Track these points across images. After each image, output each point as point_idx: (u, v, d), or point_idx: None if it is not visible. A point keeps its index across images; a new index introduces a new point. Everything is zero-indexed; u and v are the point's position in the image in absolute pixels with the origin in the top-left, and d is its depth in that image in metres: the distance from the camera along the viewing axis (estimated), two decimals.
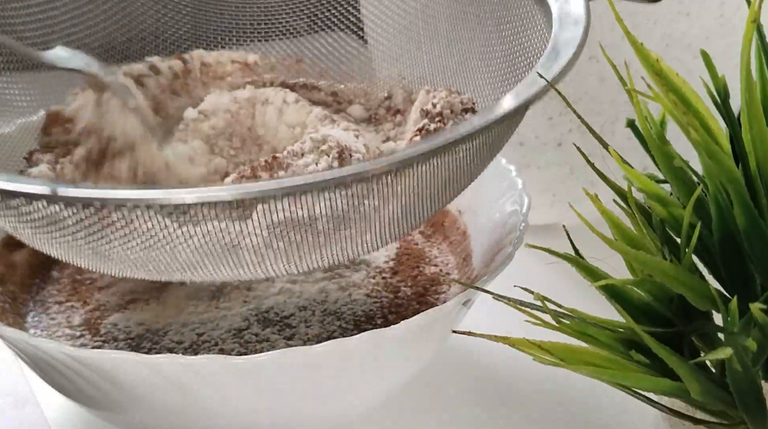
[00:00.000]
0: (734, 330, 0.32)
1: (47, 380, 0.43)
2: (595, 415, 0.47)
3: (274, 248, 0.37)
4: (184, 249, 0.37)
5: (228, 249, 0.37)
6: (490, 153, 0.42)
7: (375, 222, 0.38)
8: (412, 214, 0.40)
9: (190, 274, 0.39)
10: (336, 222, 0.37)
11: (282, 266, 0.38)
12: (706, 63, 0.35)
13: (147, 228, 0.36)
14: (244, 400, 0.40)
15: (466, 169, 0.40)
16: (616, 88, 0.53)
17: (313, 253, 0.38)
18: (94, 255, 0.38)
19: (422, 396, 0.48)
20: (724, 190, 0.34)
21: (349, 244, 0.39)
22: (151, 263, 0.38)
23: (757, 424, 0.34)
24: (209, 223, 0.36)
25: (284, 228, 0.36)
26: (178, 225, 0.35)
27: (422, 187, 0.38)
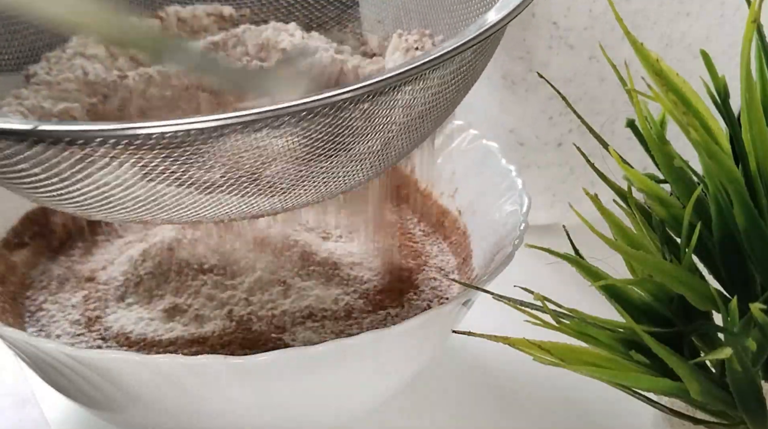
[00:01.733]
0: (734, 330, 0.32)
1: (47, 380, 0.43)
2: (594, 415, 0.47)
3: (256, 181, 0.37)
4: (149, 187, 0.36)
5: (209, 184, 0.37)
6: (469, 77, 0.42)
7: (356, 153, 0.38)
8: (394, 146, 0.40)
9: (173, 215, 0.38)
10: (314, 151, 0.37)
11: (266, 201, 0.38)
12: (706, 63, 0.35)
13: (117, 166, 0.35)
14: (243, 400, 0.40)
15: (447, 95, 0.40)
16: (616, 88, 0.53)
17: (294, 188, 0.38)
18: (92, 200, 0.38)
19: (422, 396, 0.48)
20: (724, 190, 0.34)
21: (330, 177, 0.39)
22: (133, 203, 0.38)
23: (757, 424, 0.34)
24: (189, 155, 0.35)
25: (263, 159, 0.36)
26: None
27: (405, 114, 0.38)
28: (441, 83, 0.39)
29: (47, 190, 0.37)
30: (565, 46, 0.53)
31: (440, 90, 0.39)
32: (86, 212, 0.39)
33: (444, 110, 0.42)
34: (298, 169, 0.37)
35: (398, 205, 0.55)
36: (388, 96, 0.37)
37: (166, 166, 0.35)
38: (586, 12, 0.52)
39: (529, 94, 0.55)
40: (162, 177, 0.36)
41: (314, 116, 0.35)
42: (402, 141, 0.40)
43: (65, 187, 0.37)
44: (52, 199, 0.38)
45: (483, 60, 0.42)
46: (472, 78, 0.42)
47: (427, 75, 0.38)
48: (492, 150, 0.52)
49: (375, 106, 0.37)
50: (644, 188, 0.35)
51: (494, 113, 0.57)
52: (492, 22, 0.38)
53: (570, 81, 0.54)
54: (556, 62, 0.54)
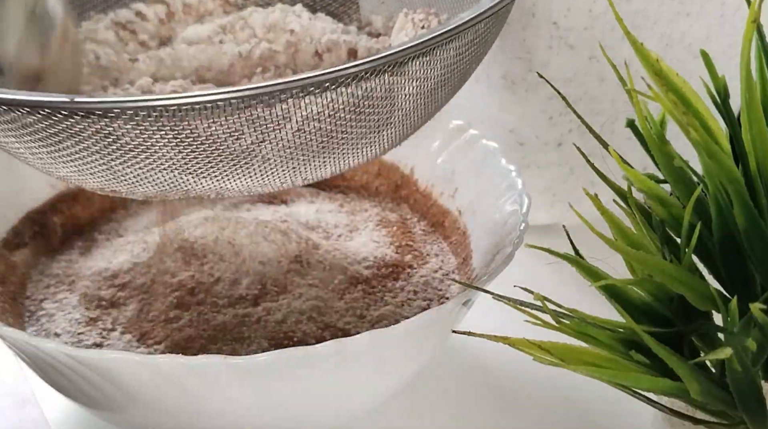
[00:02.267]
0: (734, 330, 0.32)
1: (47, 380, 0.43)
2: (594, 415, 0.47)
3: (271, 154, 0.38)
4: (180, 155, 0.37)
5: (237, 154, 0.38)
6: (481, 50, 0.43)
7: (374, 124, 0.39)
8: (409, 117, 0.41)
9: (201, 186, 0.39)
10: (335, 122, 0.38)
11: (280, 176, 0.39)
12: (706, 63, 0.35)
13: (145, 137, 0.36)
14: (243, 399, 0.40)
15: (460, 66, 0.41)
16: (616, 88, 0.53)
17: (312, 161, 0.39)
18: (107, 170, 0.39)
19: (422, 396, 0.48)
20: (724, 190, 0.34)
21: (349, 148, 0.40)
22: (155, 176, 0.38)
23: (757, 424, 0.34)
24: (204, 126, 0.36)
25: (279, 131, 0.37)
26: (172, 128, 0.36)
27: (420, 86, 0.39)
28: (456, 54, 0.40)
29: (77, 161, 0.38)
30: (565, 46, 0.53)
31: (455, 61, 0.40)
32: (117, 184, 0.40)
33: (458, 81, 0.42)
34: (319, 139, 0.38)
35: (398, 205, 0.55)
36: (405, 67, 0.38)
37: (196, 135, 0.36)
38: (586, 12, 0.52)
39: (529, 94, 0.55)
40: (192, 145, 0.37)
41: (337, 87, 0.36)
42: (416, 113, 0.41)
43: (99, 158, 0.38)
44: (83, 171, 0.39)
45: (494, 32, 0.43)
46: (484, 49, 0.43)
47: (444, 46, 0.39)
48: (492, 150, 0.52)
49: (394, 76, 0.38)
50: (644, 188, 0.35)
51: (494, 113, 0.57)
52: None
53: (570, 81, 0.54)
54: (556, 62, 0.54)
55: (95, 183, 0.40)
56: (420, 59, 0.38)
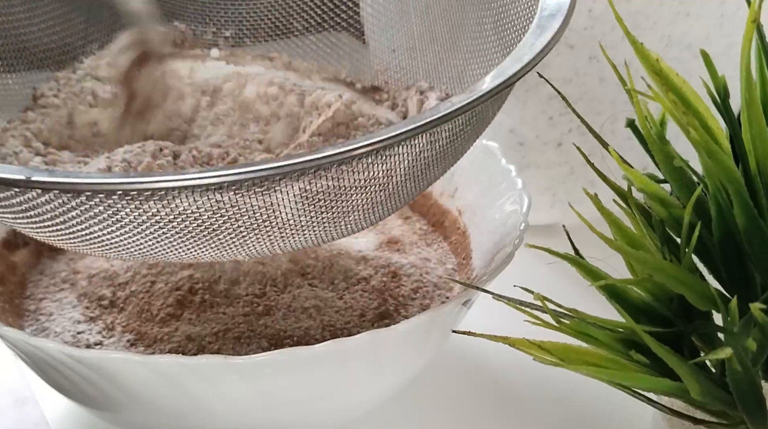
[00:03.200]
0: (734, 330, 0.32)
1: (47, 380, 0.43)
2: (594, 414, 0.47)
3: (255, 230, 0.37)
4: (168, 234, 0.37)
5: (210, 232, 0.37)
6: (474, 131, 0.42)
7: (359, 203, 0.38)
8: (396, 196, 0.40)
9: (171, 257, 0.39)
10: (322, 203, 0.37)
11: (265, 247, 0.39)
12: (706, 63, 0.35)
13: (129, 213, 0.36)
14: (243, 399, 0.40)
15: (453, 147, 0.40)
16: (616, 88, 0.53)
17: (294, 235, 0.38)
18: (75, 239, 0.38)
19: (422, 396, 0.48)
20: (724, 190, 0.34)
21: (334, 226, 0.39)
22: (131, 247, 0.38)
23: (757, 424, 0.34)
24: (183, 206, 0.35)
25: (264, 210, 0.36)
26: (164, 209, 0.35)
27: (406, 167, 0.38)
28: (451, 134, 0.39)
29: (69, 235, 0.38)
30: (565, 46, 0.53)
31: (450, 140, 0.39)
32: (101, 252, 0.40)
33: (453, 158, 0.42)
34: (301, 219, 0.37)
35: None
36: (396, 149, 0.37)
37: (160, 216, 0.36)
38: (586, 12, 0.52)
39: (529, 94, 0.55)
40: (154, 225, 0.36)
41: (318, 171, 0.36)
42: (408, 188, 0.40)
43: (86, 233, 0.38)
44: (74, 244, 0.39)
45: (494, 110, 0.42)
46: (484, 125, 0.43)
47: (438, 129, 0.38)
48: (492, 150, 0.52)
49: (382, 158, 0.37)
50: (644, 188, 0.35)
51: None
52: (501, 79, 0.38)
53: (570, 81, 0.55)
54: (556, 62, 0.54)
55: (63, 246, 0.40)
56: (409, 143, 0.37)
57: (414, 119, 0.36)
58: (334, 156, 0.34)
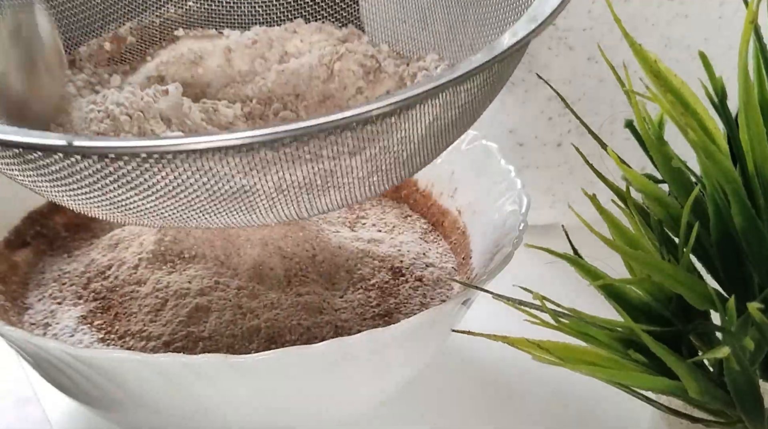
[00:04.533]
0: (732, 329, 0.32)
1: (49, 379, 0.44)
2: (593, 413, 0.47)
3: (284, 191, 0.38)
4: (197, 196, 0.37)
5: (240, 194, 0.37)
6: (492, 90, 0.42)
7: (382, 162, 0.39)
8: (418, 155, 0.40)
9: (205, 222, 0.39)
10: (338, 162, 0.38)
11: (293, 209, 0.39)
12: (704, 64, 0.36)
13: (160, 178, 0.36)
14: (244, 399, 0.40)
15: (471, 106, 0.41)
16: (615, 88, 0.53)
17: (320, 196, 0.39)
18: (111, 205, 0.39)
19: (422, 396, 0.48)
20: (722, 190, 0.34)
21: (354, 186, 0.39)
22: (166, 211, 0.39)
23: (755, 423, 0.34)
24: (219, 169, 0.36)
25: (293, 170, 0.37)
26: (191, 172, 0.36)
27: (429, 127, 0.39)
28: (468, 96, 0.40)
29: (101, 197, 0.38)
30: (564, 47, 0.54)
31: (466, 102, 0.40)
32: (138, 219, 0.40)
33: (468, 121, 0.42)
34: (324, 179, 0.38)
35: (398, 205, 0.56)
36: (414, 110, 0.38)
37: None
38: (585, 13, 0.52)
39: (528, 94, 0.56)
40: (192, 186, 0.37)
41: (341, 131, 0.36)
42: (425, 151, 0.41)
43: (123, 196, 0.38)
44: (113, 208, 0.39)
45: (509, 69, 0.43)
46: (500, 85, 0.43)
47: (455, 89, 0.38)
48: (491, 150, 0.52)
49: (402, 120, 0.38)
50: (642, 188, 0.35)
51: (494, 113, 0.57)
52: (516, 40, 0.39)
53: (569, 82, 0.55)
54: (556, 63, 0.54)
55: (100, 214, 0.40)
56: (426, 103, 0.38)
57: (439, 76, 0.37)
58: (363, 114, 0.35)
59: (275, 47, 0.51)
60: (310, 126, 0.35)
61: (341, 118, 0.35)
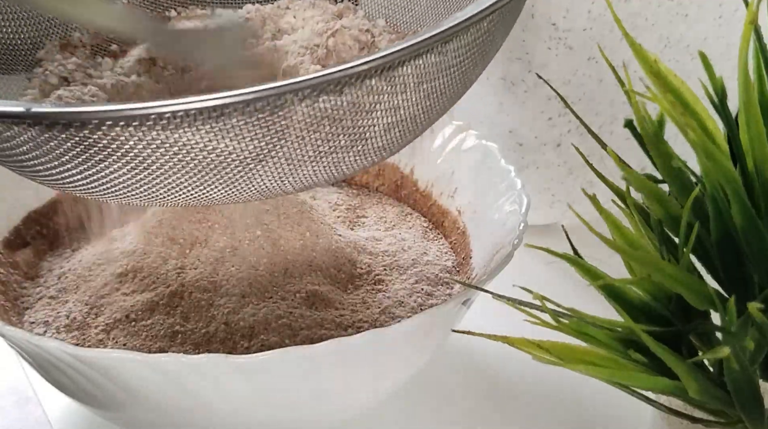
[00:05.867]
0: (732, 329, 0.32)
1: (49, 379, 0.44)
2: (593, 413, 0.47)
3: (262, 161, 0.36)
4: (164, 166, 0.36)
5: (215, 164, 0.36)
6: (489, 48, 0.41)
7: (369, 130, 0.37)
8: (401, 126, 0.39)
9: (182, 196, 0.38)
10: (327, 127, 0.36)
11: (274, 181, 0.38)
12: (704, 64, 0.36)
13: (127, 147, 0.35)
14: (244, 398, 0.40)
15: (464, 67, 0.39)
16: (615, 88, 0.53)
17: (304, 166, 0.37)
18: (82, 179, 0.37)
19: (422, 395, 0.48)
20: (722, 190, 0.34)
21: (345, 154, 0.38)
22: (138, 188, 0.37)
23: (755, 423, 0.34)
24: (188, 136, 0.34)
25: (270, 137, 0.35)
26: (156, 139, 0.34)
27: (419, 89, 0.37)
28: (456, 55, 0.38)
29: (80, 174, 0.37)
30: (564, 47, 0.54)
31: (457, 62, 0.38)
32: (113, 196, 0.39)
33: (462, 84, 0.41)
34: (314, 145, 0.36)
35: (399, 205, 0.56)
36: (401, 69, 0.36)
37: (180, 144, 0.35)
38: (585, 13, 0.52)
39: (528, 94, 0.56)
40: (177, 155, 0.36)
41: (319, 94, 0.34)
42: (416, 118, 0.39)
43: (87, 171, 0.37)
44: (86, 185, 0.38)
45: (502, 30, 0.41)
46: (492, 48, 0.41)
47: (442, 47, 0.37)
48: (491, 150, 0.52)
49: (385, 81, 0.36)
50: (642, 188, 0.35)
51: (493, 114, 0.57)
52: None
53: (569, 82, 0.55)
54: (555, 63, 0.54)
55: (75, 190, 0.39)
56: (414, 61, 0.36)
57: (423, 32, 0.35)
58: (340, 72, 0.34)
59: (268, 25, 0.50)
60: (282, 86, 0.33)
61: (316, 77, 0.33)
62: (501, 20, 0.40)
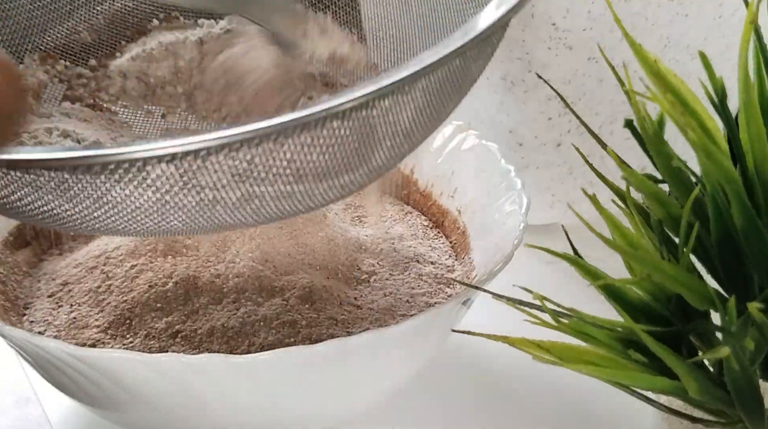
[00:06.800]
0: (732, 329, 0.32)
1: (49, 379, 0.44)
2: (593, 413, 0.47)
3: (240, 196, 0.36)
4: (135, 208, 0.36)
5: (193, 203, 0.36)
6: (464, 82, 0.40)
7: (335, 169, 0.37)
8: (377, 158, 0.38)
9: (153, 230, 0.38)
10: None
11: (248, 216, 0.37)
12: (704, 64, 0.36)
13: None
14: (244, 398, 0.40)
15: (439, 101, 0.39)
16: (615, 88, 0.53)
17: (281, 202, 0.37)
18: (52, 219, 0.37)
19: (422, 395, 0.48)
20: (722, 190, 0.34)
21: (310, 195, 0.37)
22: (113, 223, 0.37)
23: (755, 423, 0.34)
24: (157, 178, 0.34)
25: (250, 175, 0.35)
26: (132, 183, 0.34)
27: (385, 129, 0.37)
28: (425, 94, 0.37)
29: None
30: (564, 47, 0.54)
31: (427, 99, 0.38)
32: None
33: (434, 119, 0.40)
34: (279, 190, 0.36)
35: (399, 203, 0.56)
36: (366, 110, 0.35)
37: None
38: (585, 13, 0.52)
39: (528, 94, 0.56)
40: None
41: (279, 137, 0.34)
42: (384, 153, 0.39)
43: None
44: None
45: (478, 64, 0.41)
46: (468, 81, 0.41)
47: (408, 88, 0.36)
48: (491, 150, 0.52)
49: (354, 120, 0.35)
50: (642, 188, 0.35)
51: (493, 114, 0.57)
52: (478, 30, 0.36)
53: (569, 82, 0.55)
54: (555, 63, 0.54)
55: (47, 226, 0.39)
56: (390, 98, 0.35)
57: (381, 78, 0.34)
58: (303, 118, 0.33)
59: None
60: (251, 130, 0.33)
61: (297, 117, 0.33)
62: (477, 54, 0.39)
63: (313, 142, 0.35)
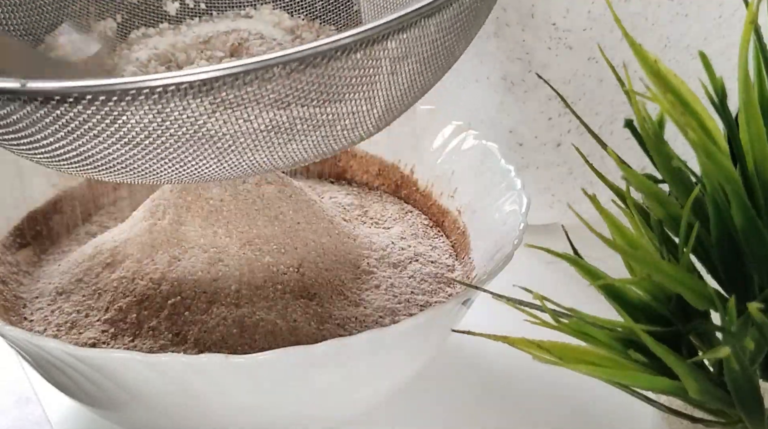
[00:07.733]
0: (732, 329, 0.32)
1: (49, 379, 0.44)
2: (593, 413, 0.47)
3: (252, 135, 0.37)
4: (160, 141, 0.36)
5: (207, 138, 0.36)
6: (471, 24, 0.41)
7: (353, 105, 0.38)
8: (392, 100, 0.40)
9: (175, 173, 0.38)
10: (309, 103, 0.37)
11: (264, 157, 0.38)
12: (704, 64, 0.36)
13: (123, 121, 0.35)
14: (244, 398, 0.40)
15: (447, 42, 0.40)
16: (615, 88, 0.53)
17: (293, 142, 0.38)
18: (77, 156, 0.38)
19: (422, 395, 0.48)
20: (722, 190, 0.34)
21: (328, 130, 0.39)
22: (132, 162, 0.38)
23: (755, 423, 0.34)
24: (180, 111, 0.35)
25: (259, 110, 0.36)
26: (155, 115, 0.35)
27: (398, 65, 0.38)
28: (438, 30, 0.39)
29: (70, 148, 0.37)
30: (564, 47, 0.54)
31: (438, 38, 0.39)
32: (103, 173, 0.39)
33: (444, 60, 0.41)
34: (293, 121, 0.37)
35: (398, 202, 0.56)
36: (380, 45, 0.37)
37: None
38: (585, 13, 0.52)
39: (528, 94, 0.56)
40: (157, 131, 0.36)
41: (305, 67, 0.35)
42: (399, 93, 0.40)
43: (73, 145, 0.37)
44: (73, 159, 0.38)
45: (485, 4, 0.42)
46: (476, 24, 0.42)
47: (422, 22, 0.37)
48: (491, 150, 0.52)
49: (367, 56, 0.37)
50: (642, 188, 0.35)
51: (493, 114, 0.57)
52: None
53: (569, 82, 0.55)
54: (555, 63, 0.54)
55: (69, 169, 0.40)
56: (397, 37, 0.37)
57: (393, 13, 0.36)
58: (326, 46, 0.35)
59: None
60: (269, 59, 0.34)
61: (300, 51, 0.34)
62: None
63: (352, 65, 0.36)
